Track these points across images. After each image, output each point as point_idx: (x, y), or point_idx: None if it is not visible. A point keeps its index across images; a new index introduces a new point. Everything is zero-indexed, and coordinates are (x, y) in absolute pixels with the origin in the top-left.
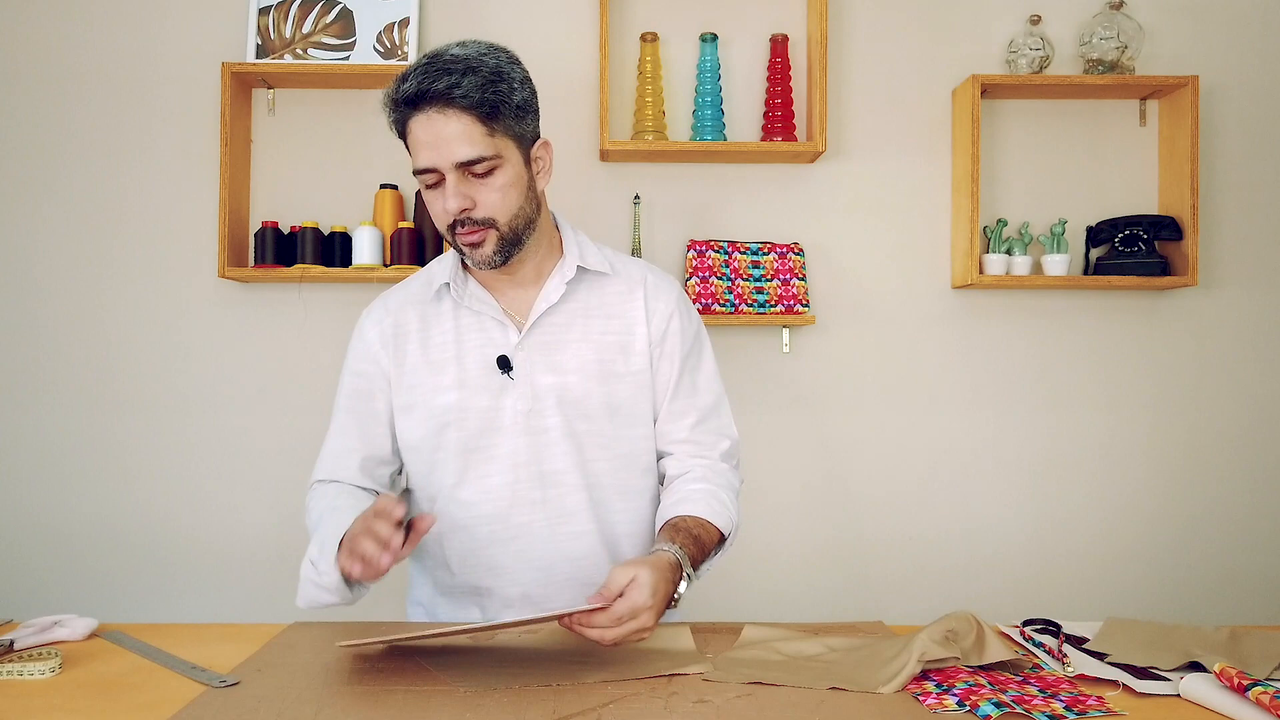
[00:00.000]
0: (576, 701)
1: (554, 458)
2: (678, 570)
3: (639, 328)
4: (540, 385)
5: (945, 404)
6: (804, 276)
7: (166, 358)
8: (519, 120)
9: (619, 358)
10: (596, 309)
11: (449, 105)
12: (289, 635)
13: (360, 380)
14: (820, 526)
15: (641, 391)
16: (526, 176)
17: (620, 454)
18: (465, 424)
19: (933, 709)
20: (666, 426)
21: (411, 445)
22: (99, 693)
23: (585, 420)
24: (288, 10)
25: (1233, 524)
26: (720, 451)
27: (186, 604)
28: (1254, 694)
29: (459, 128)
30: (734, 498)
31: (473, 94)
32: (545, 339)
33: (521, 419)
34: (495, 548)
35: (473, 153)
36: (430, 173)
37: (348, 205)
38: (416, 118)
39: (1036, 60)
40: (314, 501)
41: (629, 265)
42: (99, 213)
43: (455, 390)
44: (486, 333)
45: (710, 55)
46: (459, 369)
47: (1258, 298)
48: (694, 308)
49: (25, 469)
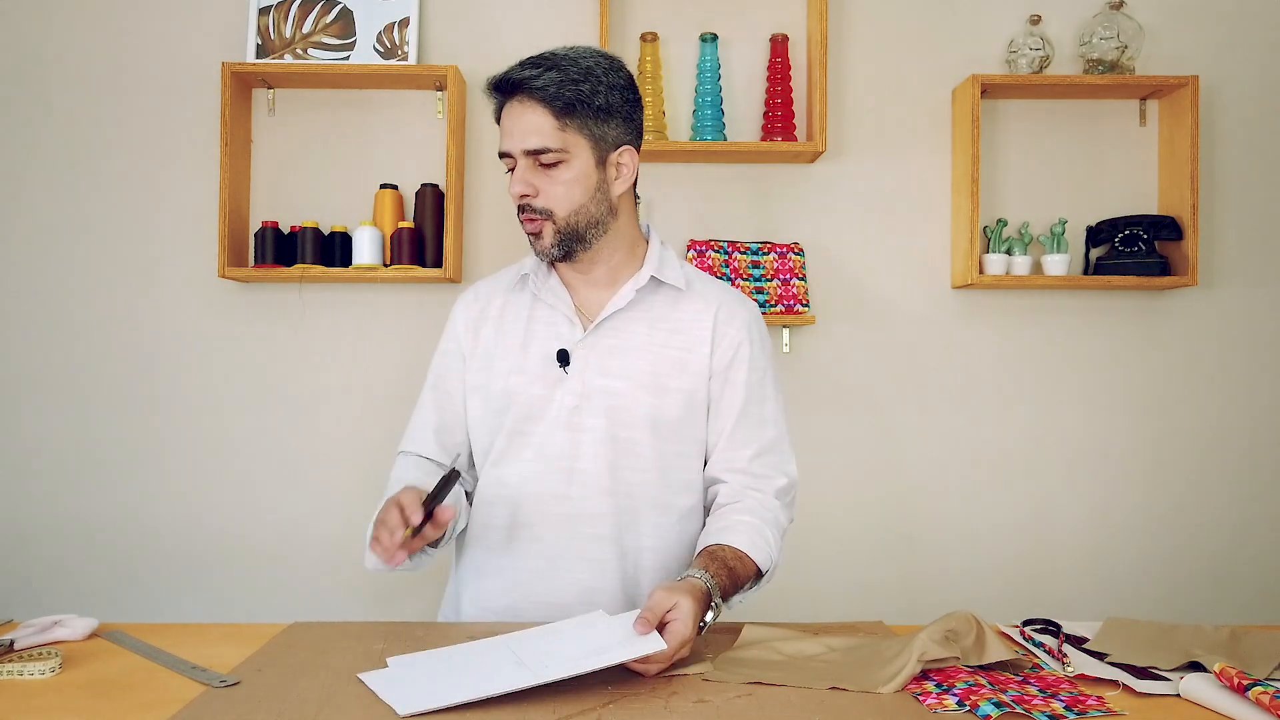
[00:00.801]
0: (576, 701)
1: (588, 458)
2: (709, 599)
3: (702, 348)
4: (591, 385)
5: (945, 404)
6: (804, 276)
7: (166, 357)
8: (598, 122)
9: (673, 373)
10: (662, 321)
11: (529, 95)
12: (289, 635)
13: (444, 360)
14: (820, 526)
15: (692, 411)
16: (596, 177)
17: (658, 467)
18: (515, 409)
19: (933, 709)
20: (726, 455)
21: (475, 422)
22: (99, 693)
23: (628, 428)
24: (288, 10)
25: (1233, 524)
26: (776, 488)
27: (186, 604)
28: (1254, 694)
29: (533, 118)
30: (779, 536)
31: (549, 88)
32: (607, 342)
33: (565, 414)
34: (510, 531)
35: (540, 143)
36: (506, 157)
37: (348, 205)
38: (507, 105)
39: (1036, 60)
40: (393, 472)
41: (708, 285)
42: (98, 212)
43: (515, 375)
44: (555, 326)
45: (710, 55)
46: (522, 356)
47: (1257, 298)
48: (769, 339)
49: (25, 469)
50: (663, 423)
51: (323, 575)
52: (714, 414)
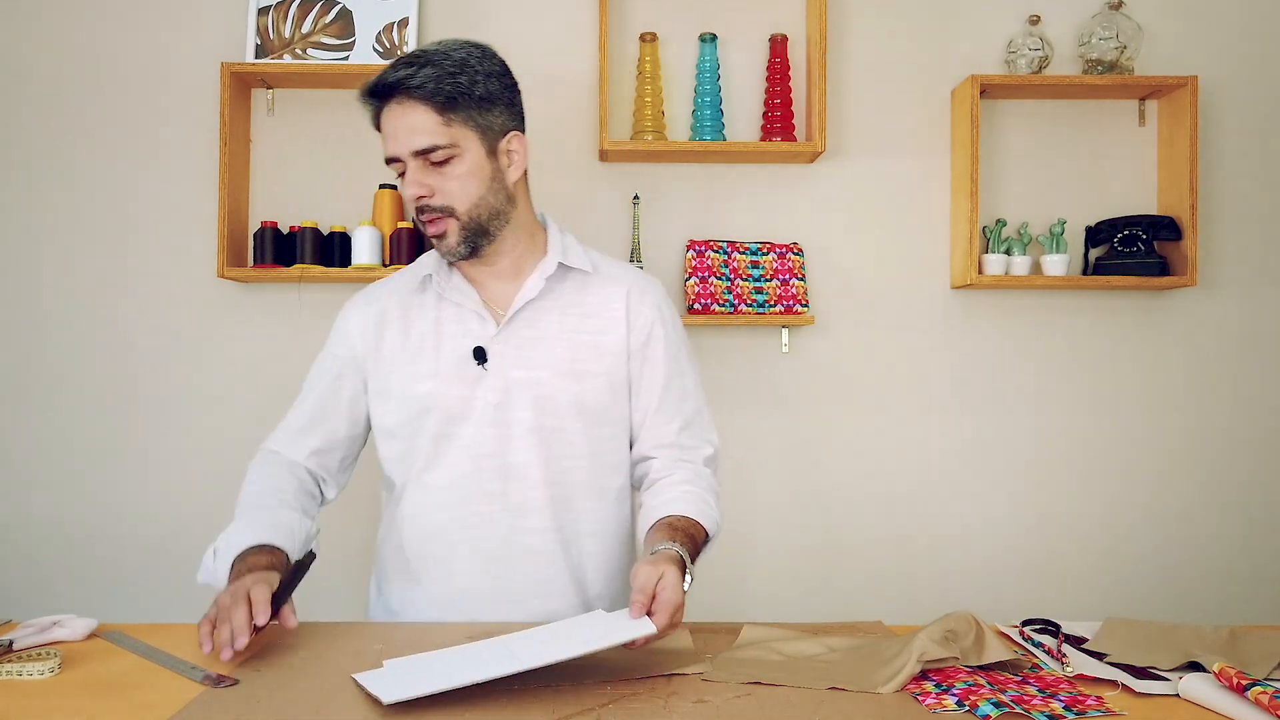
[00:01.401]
0: (576, 702)
1: (519, 451)
2: (684, 566)
3: (617, 329)
4: (512, 379)
5: (944, 404)
6: (803, 276)
7: (166, 357)
8: (482, 112)
9: (591, 357)
10: (574, 307)
11: (407, 96)
12: (289, 635)
13: (332, 364)
14: (820, 526)
15: (614, 392)
16: (490, 167)
17: (589, 453)
18: (438, 412)
19: (932, 709)
20: (653, 432)
21: (388, 430)
22: (99, 693)
23: (555, 417)
24: (287, 10)
25: (1232, 524)
26: (704, 457)
27: (186, 604)
28: (1253, 694)
29: (415, 117)
30: (717, 501)
31: (428, 84)
32: (522, 333)
33: (491, 411)
34: (451, 534)
35: (427, 141)
36: (395, 162)
37: (347, 205)
38: (386, 108)
39: (1036, 60)
40: (253, 472)
41: (614, 267)
42: (98, 213)
43: (431, 379)
44: (465, 324)
45: (709, 55)
46: (436, 358)
47: (1256, 298)
48: (678, 314)
49: (25, 468)
50: (588, 407)
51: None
52: (636, 393)
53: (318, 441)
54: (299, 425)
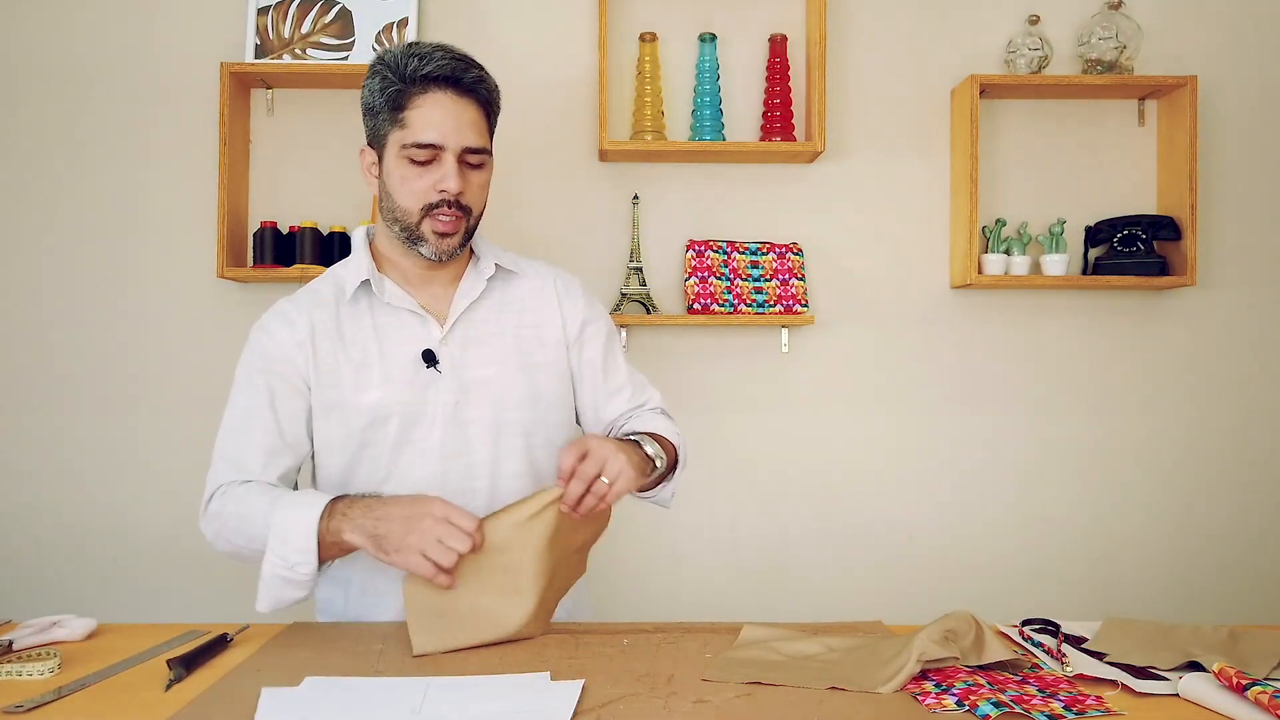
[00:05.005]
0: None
1: (482, 448)
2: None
3: (553, 320)
4: (466, 378)
5: (944, 404)
6: (803, 276)
7: (166, 358)
8: (493, 128)
9: (536, 349)
10: (513, 304)
11: (471, 94)
12: (289, 635)
13: (273, 380)
14: (819, 526)
15: (560, 381)
16: None
17: (544, 440)
18: (392, 420)
19: (932, 709)
20: (608, 405)
21: (332, 445)
22: (98, 693)
23: (513, 409)
24: (286, 10)
25: (1231, 524)
26: (655, 404)
27: (186, 604)
28: (1253, 694)
29: (474, 117)
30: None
31: (481, 89)
32: (469, 333)
33: (450, 411)
34: None
35: (479, 142)
36: (429, 149)
37: (346, 205)
38: (431, 95)
39: (1035, 60)
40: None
41: (535, 265)
42: (97, 213)
43: (380, 387)
44: (407, 329)
45: (709, 55)
46: (383, 365)
47: (1256, 298)
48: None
49: (25, 469)
50: (542, 397)
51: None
52: (580, 380)
53: (279, 459)
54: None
